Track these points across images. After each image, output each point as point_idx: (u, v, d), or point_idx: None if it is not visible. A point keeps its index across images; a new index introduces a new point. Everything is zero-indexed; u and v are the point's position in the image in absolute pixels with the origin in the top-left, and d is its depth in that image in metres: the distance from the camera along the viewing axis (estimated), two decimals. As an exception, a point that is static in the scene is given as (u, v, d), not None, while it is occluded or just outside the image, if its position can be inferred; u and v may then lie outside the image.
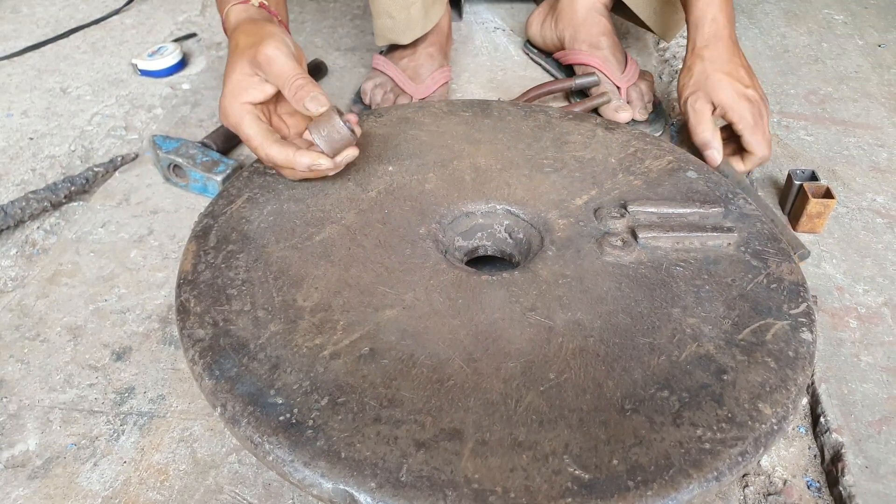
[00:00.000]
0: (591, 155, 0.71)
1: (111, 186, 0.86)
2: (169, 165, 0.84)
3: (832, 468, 0.57)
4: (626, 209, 0.63)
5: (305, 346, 0.50)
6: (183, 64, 1.13)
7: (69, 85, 1.09)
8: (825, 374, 0.63)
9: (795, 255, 0.66)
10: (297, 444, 0.44)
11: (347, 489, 0.42)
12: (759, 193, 0.85)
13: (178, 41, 1.19)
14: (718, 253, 0.60)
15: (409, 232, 0.60)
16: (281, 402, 0.46)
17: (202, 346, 0.50)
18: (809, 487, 0.56)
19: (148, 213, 0.82)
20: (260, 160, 0.65)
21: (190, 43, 1.21)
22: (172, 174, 0.85)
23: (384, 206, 0.63)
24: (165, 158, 0.84)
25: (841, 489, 0.55)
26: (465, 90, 1.06)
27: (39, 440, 0.57)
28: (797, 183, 0.79)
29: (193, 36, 1.23)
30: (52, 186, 0.83)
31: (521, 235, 0.64)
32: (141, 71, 1.11)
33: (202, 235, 0.59)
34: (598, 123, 0.77)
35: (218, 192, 0.80)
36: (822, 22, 1.23)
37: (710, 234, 0.60)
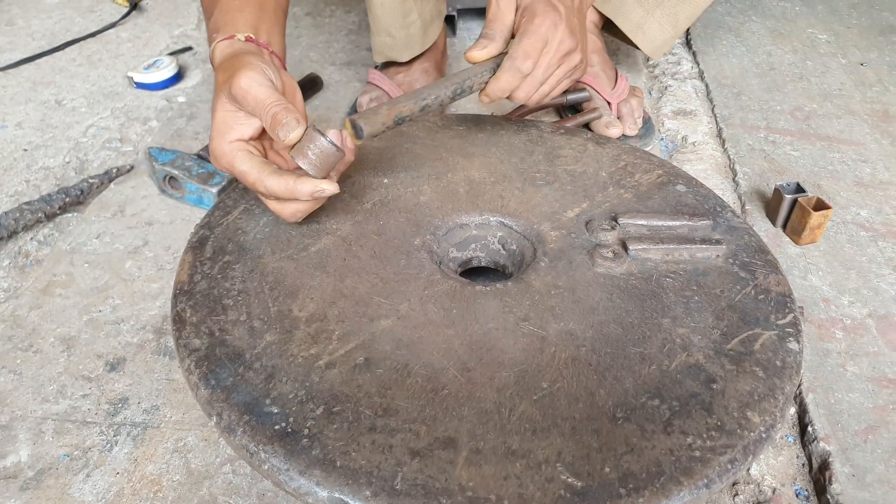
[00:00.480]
0: (582, 168, 0.72)
1: (106, 198, 0.87)
2: (164, 177, 0.85)
3: (820, 477, 0.58)
4: (616, 222, 0.64)
5: (301, 355, 0.51)
6: (178, 77, 1.14)
7: (64, 97, 1.10)
8: (812, 384, 0.64)
9: None
10: (292, 452, 0.44)
11: (343, 498, 0.42)
12: (746, 206, 0.86)
13: (173, 54, 1.20)
14: (707, 265, 0.61)
15: (403, 243, 0.61)
16: (276, 411, 0.46)
17: (198, 355, 0.50)
18: (798, 496, 0.57)
19: (143, 224, 0.83)
20: (259, 197, 0.59)
21: (186, 56, 1.22)
22: (168, 186, 0.86)
23: (379, 217, 0.64)
24: (161, 170, 0.84)
25: (829, 497, 0.55)
26: (458, 105, 1.08)
27: (31, 451, 0.57)
28: (788, 197, 0.80)
29: (189, 49, 1.24)
30: (46, 198, 0.83)
31: (514, 247, 0.65)
32: (136, 84, 1.12)
33: (198, 246, 0.60)
34: (589, 138, 0.78)
35: (213, 203, 0.81)
36: (806, 41, 1.26)
37: (698, 246, 0.61)
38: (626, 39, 0.99)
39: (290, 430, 0.45)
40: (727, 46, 1.24)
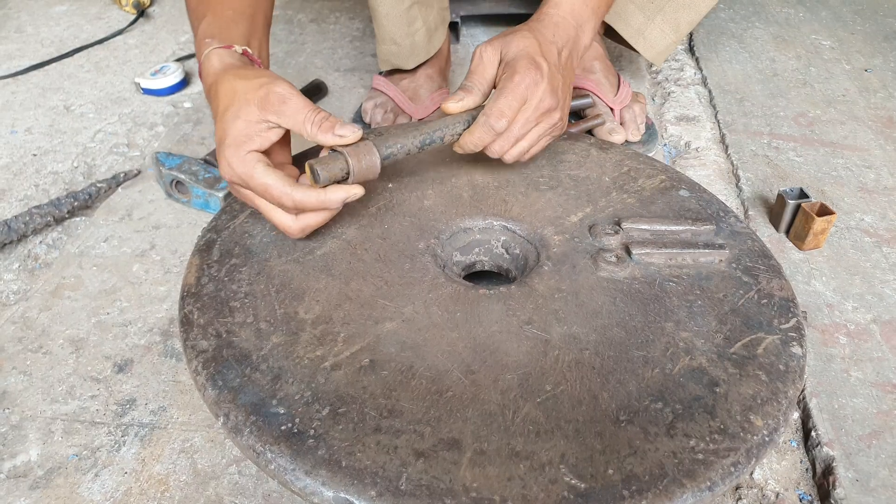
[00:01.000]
0: (585, 174, 0.73)
1: (114, 202, 0.88)
2: (171, 182, 0.86)
3: (823, 481, 0.58)
4: (619, 226, 0.64)
5: (307, 357, 0.51)
6: (185, 83, 1.15)
7: (73, 103, 1.11)
8: (816, 388, 0.64)
9: None
10: (298, 453, 0.44)
11: (348, 497, 0.42)
12: (749, 212, 0.86)
13: (180, 61, 1.21)
14: (710, 269, 0.61)
15: (408, 247, 0.62)
16: (283, 412, 0.47)
17: (205, 356, 0.51)
18: (801, 500, 0.57)
19: (150, 228, 0.83)
20: (264, 211, 0.58)
21: (192, 62, 1.23)
22: (174, 190, 0.87)
23: (384, 221, 0.65)
24: (168, 175, 0.85)
25: (832, 502, 0.56)
26: (462, 110, 1.08)
27: (41, 451, 0.58)
28: (792, 203, 0.81)
29: (195, 56, 1.26)
30: (55, 202, 0.84)
31: (517, 251, 0.65)
32: (143, 89, 1.13)
33: (206, 249, 0.60)
34: (592, 143, 0.79)
35: (219, 208, 0.82)
36: (810, 47, 1.26)
37: (702, 250, 0.62)
38: (628, 45, 1.00)
39: (296, 430, 0.46)
40: (730, 52, 1.24)
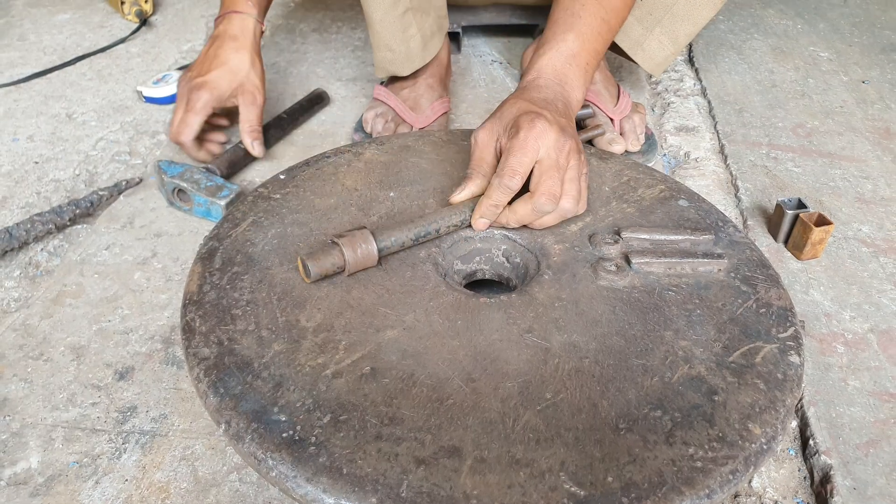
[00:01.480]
0: (588, 186, 0.73)
1: (115, 210, 0.88)
2: (173, 190, 0.86)
3: (821, 490, 0.58)
4: (619, 235, 0.65)
5: (308, 365, 0.51)
6: (187, 92, 1.16)
7: (75, 111, 1.11)
8: (814, 397, 0.65)
9: None
10: (299, 460, 0.45)
11: (349, 504, 0.43)
12: (748, 222, 0.87)
13: (182, 69, 1.22)
14: (709, 278, 0.61)
15: (409, 255, 0.62)
16: (284, 419, 0.47)
17: (207, 364, 0.51)
18: (800, 509, 0.57)
19: (152, 236, 0.84)
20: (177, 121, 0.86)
21: (194, 71, 1.24)
22: (176, 198, 0.87)
23: (378, 227, 0.65)
24: (170, 183, 0.86)
25: (830, 510, 0.56)
26: (463, 120, 1.09)
27: (42, 458, 0.58)
28: (790, 213, 0.81)
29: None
30: (57, 209, 0.84)
31: (518, 260, 0.66)
32: (146, 98, 1.13)
33: (208, 257, 0.61)
34: (592, 153, 0.79)
35: (221, 216, 0.82)
36: (808, 59, 1.28)
37: (700, 260, 0.62)
38: (627, 56, 1.01)
39: (297, 437, 0.46)
40: (729, 64, 1.25)
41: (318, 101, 1.11)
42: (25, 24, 1.40)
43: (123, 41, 1.34)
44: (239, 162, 0.93)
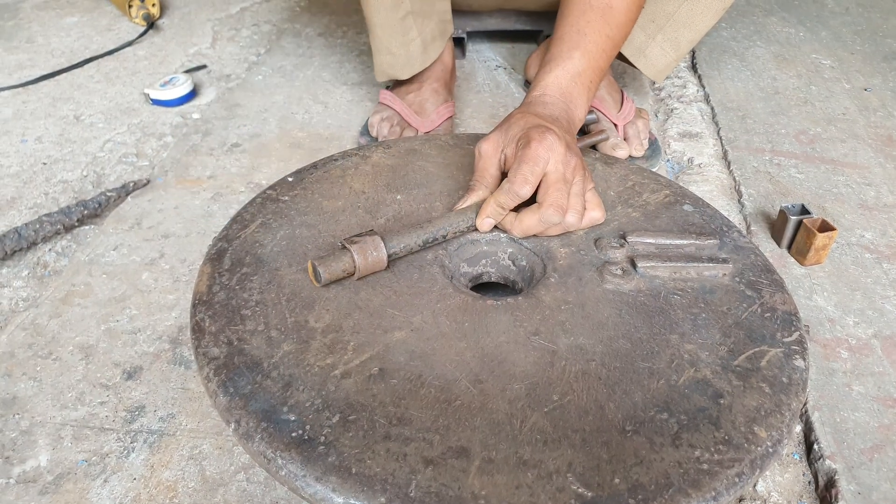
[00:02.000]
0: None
1: (123, 211, 0.89)
2: None
3: (826, 494, 0.58)
4: (625, 240, 0.65)
5: (317, 365, 0.52)
6: (193, 94, 1.17)
7: (83, 113, 1.12)
8: (818, 402, 0.65)
9: None
10: (309, 459, 0.45)
11: (358, 504, 0.43)
12: (751, 227, 0.87)
13: (188, 72, 1.23)
14: (714, 283, 0.62)
15: (416, 257, 0.63)
16: (293, 418, 0.47)
17: (217, 364, 0.51)
18: (804, 513, 0.58)
19: (159, 237, 0.84)
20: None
21: (200, 74, 1.25)
22: None
23: (388, 231, 0.65)
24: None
25: (834, 514, 0.56)
26: (468, 125, 1.10)
27: (51, 456, 0.58)
28: (793, 218, 0.82)
29: (204, 67, 1.27)
30: (65, 210, 0.85)
31: (524, 263, 0.66)
32: (153, 100, 1.14)
33: (217, 258, 0.61)
34: (597, 158, 0.80)
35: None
36: (810, 66, 1.28)
37: (706, 264, 0.63)
38: (630, 62, 1.01)
39: (306, 437, 0.46)
40: (732, 70, 1.26)
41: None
42: (34, 26, 1.41)
43: (131, 44, 1.35)
44: None
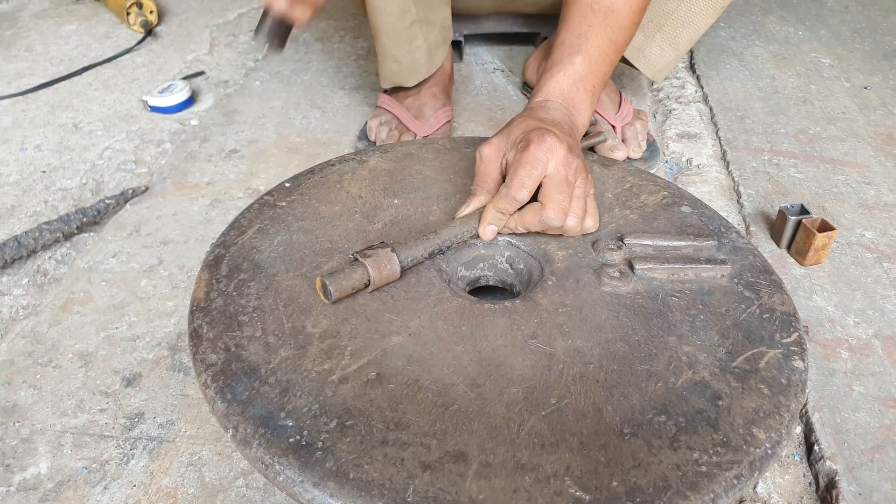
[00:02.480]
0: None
1: (122, 218, 0.89)
2: None
3: (827, 495, 0.58)
4: (622, 242, 0.65)
5: (315, 370, 0.52)
6: (191, 101, 1.17)
7: (81, 120, 1.13)
8: (818, 403, 0.65)
9: None
10: (306, 465, 0.45)
11: (356, 509, 0.43)
12: (750, 228, 0.87)
13: (186, 79, 1.23)
14: (712, 284, 0.62)
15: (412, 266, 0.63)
16: (291, 424, 0.47)
17: (214, 370, 0.51)
18: (805, 514, 0.57)
19: (158, 244, 0.84)
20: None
21: (198, 81, 1.25)
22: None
23: (390, 236, 0.65)
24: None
25: (835, 515, 0.56)
26: (466, 128, 1.10)
27: (51, 464, 0.58)
28: (792, 219, 0.82)
29: (201, 74, 1.28)
30: (64, 218, 0.85)
31: (521, 266, 0.66)
32: (151, 107, 1.15)
33: (214, 264, 0.61)
34: (594, 160, 0.80)
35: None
36: (809, 65, 1.28)
37: (704, 266, 0.63)
38: (628, 62, 1.01)
39: (304, 442, 0.46)
40: (731, 70, 1.26)
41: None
42: (32, 35, 1.42)
43: (129, 51, 1.35)
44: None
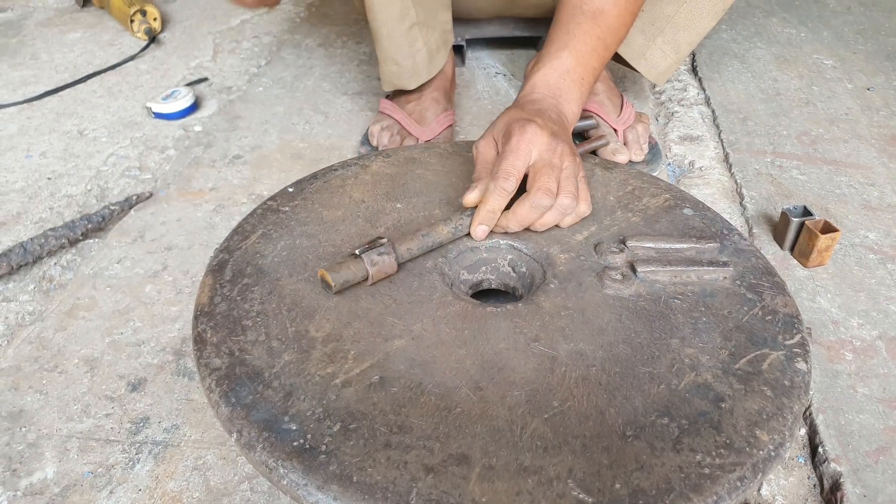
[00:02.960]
0: (590, 193, 0.74)
1: (127, 224, 0.89)
2: None
3: (831, 497, 0.58)
4: (625, 244, 0.65)
5: (318, 374, 0.52)
6: (195, 107, 1.18)
7: (86, 127, 1.13)
8: (822, 405, 0.65)
9: None
10: (310, 468, 0.45)
11: (359, 512, 0.43)
12: (753, 230, 0.87)
13: (190, 85, 1.23)
14: (715, 286, 0.62)
15: (415, 265, 0.63)
16: (295, 428, 0.48)
17: (219, 374, 0.52)
18: (809, 516, 0.57)
19: (162, 249, 0.85)
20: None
21: (202, 87, 1.26)
22: None
23: (390, 238, 0.66)
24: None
25: (840, 517, 0.56)
26: (468, 132, 1.10)
27: (57, 468, 0.59)
28: (795, 220, 0.81)
29: (205, 80, 1.28)
30: (69, 224, 0.85)
31: (523, 269, 0.66)
32: (155, 114, 1.15)
33: (218, 269, 0.62)
34: (596, 163, 0.80)
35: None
36: (812, 66, 1.28)
37: (706, 268, 0.63)
38: (630, 66, 1.02)
39: (308, 446, 0.46)
40: (733, 73, 1.26)
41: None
42: (37, 43, 1.43)
43: (133, 58, 1.36)
44: None
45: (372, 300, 0.59)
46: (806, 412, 0.65)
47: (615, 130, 0.98)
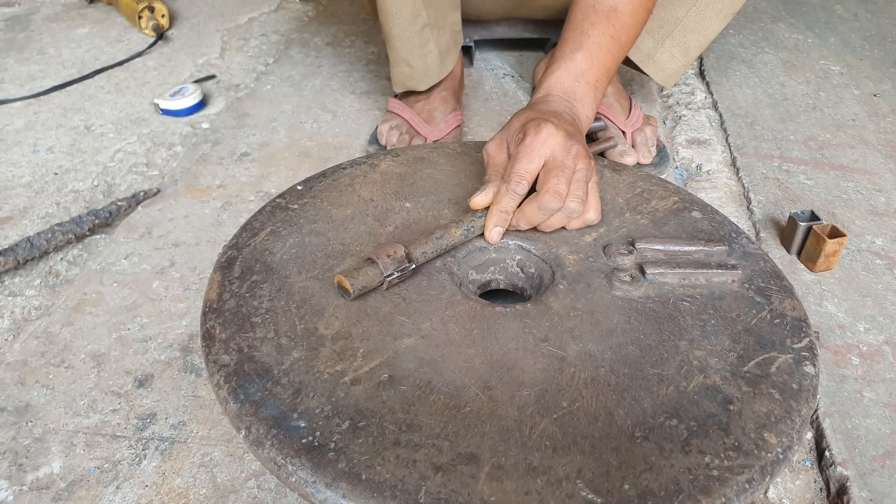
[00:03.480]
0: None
1: (134, 220, 0.89)
2: None
3: (838, 501, 0.58)
4: (633, 246, 0.65)
5: (327, 372, 0.52)
6: (203, 104, 1.18)
7: (93, 123, 1.13)
8: (829, 409, 0.65)
9: None
10: (319, 465, 0.45)
11: (368, 510, 0.43)
12: (761, 234, 0.87)
13: (198, 82, 1.24)
14: (723, 289, 0.62)
15: (424, 265, 0.63)
16: (304, 425, 0.48)
17: (227, 371, 0.52)
18: (816, 520, 0.57)
19: (169, 245, 0.85)
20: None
21: (209, 84, 1.26)
22: None
23: (401, 240, 0.66)
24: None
25: (847, 522, 0.56)
26: (476, 133, 1.10)
27: (63, 463, 0.59)
28: (803, 225, 0.81)
29: (213, 77, 1.28)
30: (76, 219, 0.86)
31: (532, 270, 0.66)
32: (162, 110, 1.15)
33: (227, 266, 0.62)
34: (605, 165, 0.80)
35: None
36: (819, 72, 1.28)
37: (714, 270, 0.63)
38: (638, 68, 1.02)
39: (316, 443, 0.46)
40: (740, 77, 1.26)
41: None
42: (45, 38, 1.43)
43: (140, 55, 1.36)
44: None
45: (381, 299, 0.59)
46: (813, 416, 0.65)
47: (623, 133, 0.98)
